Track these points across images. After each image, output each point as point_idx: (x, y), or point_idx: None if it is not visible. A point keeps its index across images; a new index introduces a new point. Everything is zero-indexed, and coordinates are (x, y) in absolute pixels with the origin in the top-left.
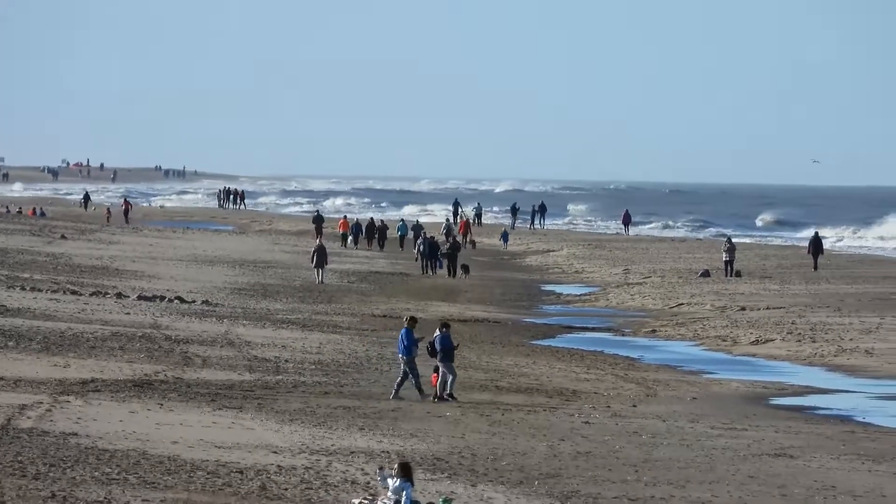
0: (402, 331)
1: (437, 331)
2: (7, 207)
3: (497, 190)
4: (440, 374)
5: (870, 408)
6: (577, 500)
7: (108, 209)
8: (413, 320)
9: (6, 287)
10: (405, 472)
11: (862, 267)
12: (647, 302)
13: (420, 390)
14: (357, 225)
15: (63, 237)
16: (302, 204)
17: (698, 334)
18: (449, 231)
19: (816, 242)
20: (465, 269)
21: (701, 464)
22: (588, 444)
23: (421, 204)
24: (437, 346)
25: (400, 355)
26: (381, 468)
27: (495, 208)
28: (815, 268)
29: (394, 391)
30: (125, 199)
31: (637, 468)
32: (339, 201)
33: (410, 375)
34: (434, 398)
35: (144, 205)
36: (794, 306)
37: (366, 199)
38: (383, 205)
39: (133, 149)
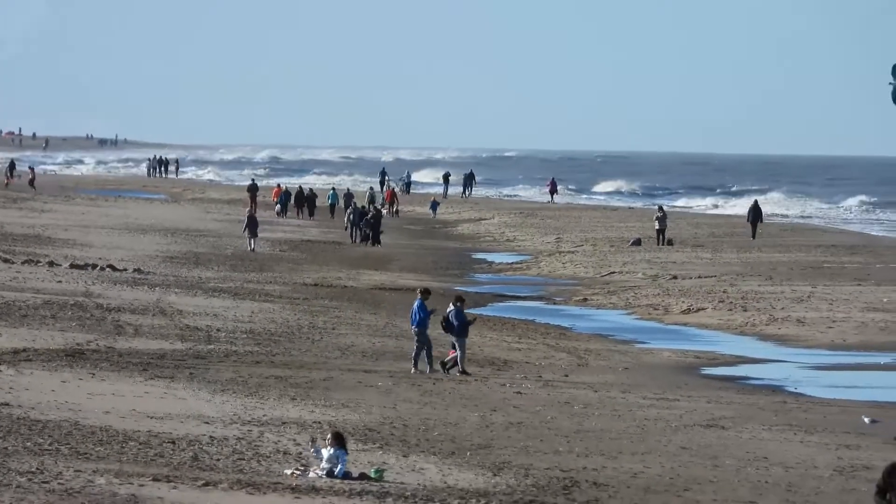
0: (416, 302)
1: (451, 305)
2: None
3: (437, 156)
4: (458, 347)
5: (801, 378)
6: (509, 470)
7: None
8: (426, 292)
9: None
10: (339, 440)
11: (794, 236)
12: (579, 270)
13: (430, 362)
14: (286, 193)
15: None
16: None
17: (630, 303)
18: (371, 200)
19: (755, 211)
20: (375, 237)
21: (633, 434)
22: (520, 414)
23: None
24: (453, 321)
25: (413, 327)
26: (313, 440)
27: (431, 178)
28: (754, 236)
29: (413, 364)
30: (30, 167)
31: (569, 439)
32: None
33: (419, 347)
34: (454, 370)
35: (76, 173)
36: (725, 275)
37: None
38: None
39: (65, 117)
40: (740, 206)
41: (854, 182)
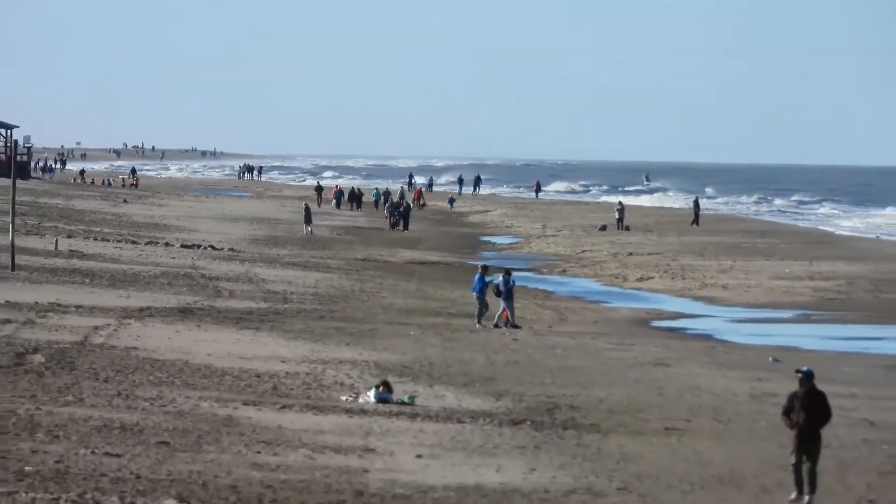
0: (477, 275)
1: (501, 276)
2: (82, 178)
3: (439, 164)
4: (507, 303)
5: (725, 329)
6: (507, 397)
7: (119, 179)
8: (485, 268)
9: (83, 238)
10: (387, 386)
11: (724, 223)
12: (559, 249)
13: (479, 320)
14: (341, 191)
15: (125, 201)
16: (305, 178)
17: (597, 273)
18: (402, 196)
19: (696, 204)
20: (405, 223)
21: (600, 370)
22: (516, 355)
23: (393, 177)
24: (502, 288)
25: (473, 293)
26: (376, 387)
27: (443, 179)
28: (697, 223)
29: (476, 321)
30: (132, 172)
31: (552, 373)
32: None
33: (480, 309)
34: (507, 326)
35: (185, 177)
36: (668, 252)
37: (350, 175)
38: (363, 174)
39: (177, 133)
40: (651, 200)
41: (776, 184)
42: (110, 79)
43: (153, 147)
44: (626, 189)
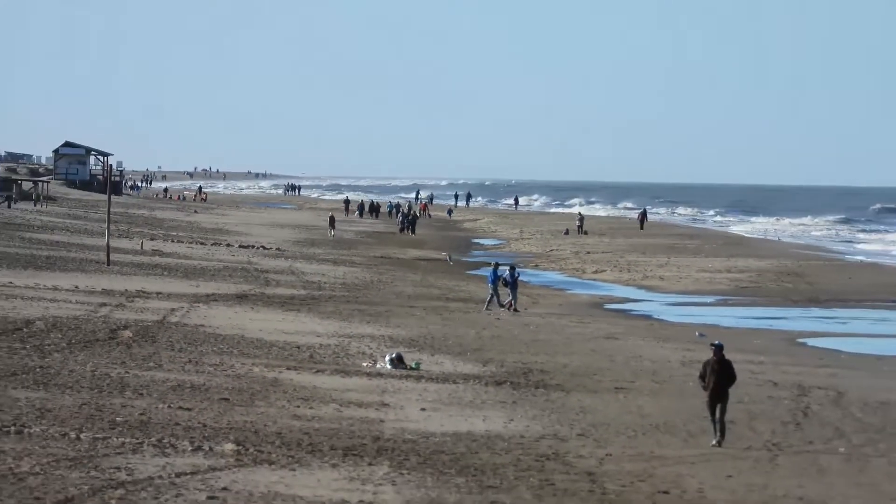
0: (490, 270)
1: (508, 270)
2: (165, 194)
3: (429, 182)
4: (513, 293)
5: (661, 310)
6: (492, 363)
7: (190, 195)
8: (497, 265)
9: (162, 240)
10: (400, 360)
11: (662, 229)
12: (533, 248)
13: (488, 305)
14: (362, 204)
15: (195, 212)
16: (337, 191)
17: (562, 267)
18: (410, 207)
19: (643, 213)
20: (413, 229)
21: (564, 343)
22: (499, 331)
23: (404, 193)
24: (507, 279)
25: (488, 283)
26: (392, 359)
27: (447, 194)
28: (642, 228)
29: (486, 306)
30: (200, 188)
31: (527, 345)
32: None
33: (492, 295)
34: (510, 309)
35: (242, 193)
36: (617, 251)
37: (370, 192)
38: (376, 190)
39: (236, 158)
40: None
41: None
42: (183, 114)
43: (217, 170)
44: (590, 201)
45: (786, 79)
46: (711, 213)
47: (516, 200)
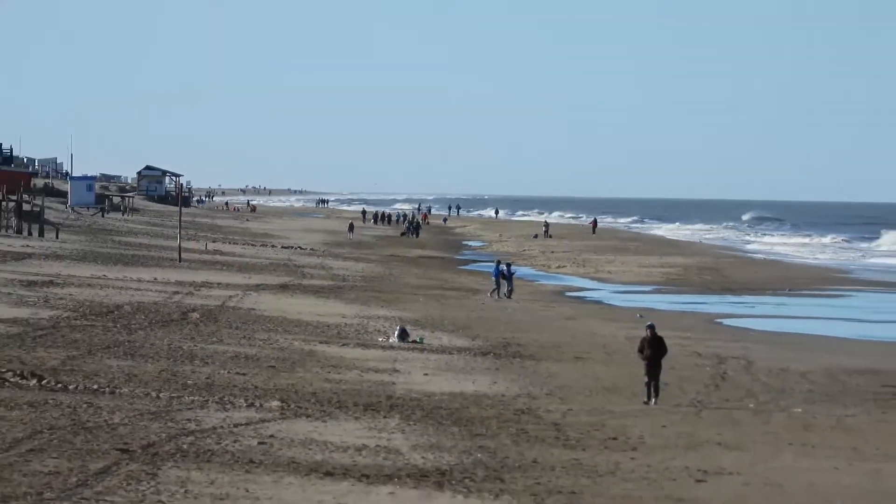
0: (494, 266)
1: (505, 265)
2: (225, 207)
3: (428, 197)
4: (510, 283)
5: (610, 297)
6: (479, 338)
7: (243, 207)
8: (499, 262)
9: (221, 242)
10: (404, 332)
11: (611, 233)
12: (509, 248)
13: (491, 293)
14: (376, 213)
15: (247, 220)
16: (353, 204)
17: (532, 263)
18: (414, 216)
19: (594, 221)
20: (417, 233)
21: (534, 322)
22: (484, 313)
23: (408, 205)
24: (506, 273)
25: (493, 277)
26: (400, 332)
27: (436, 206)
28: (594, 232)
29: (489, 294)
30: (249, 202)
31: (506, 324)
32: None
33: (496, 286)
34: (508, 297)
35: (284, 206)
36: (575, 251)
37: (380, 205)
38: (384, 203)
39: (279, 177)
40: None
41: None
42: (237, 141)
43: (264, 187)
44: (553, 211)
45: (681, 106)
46: (630, 219)
47: (496, 211)
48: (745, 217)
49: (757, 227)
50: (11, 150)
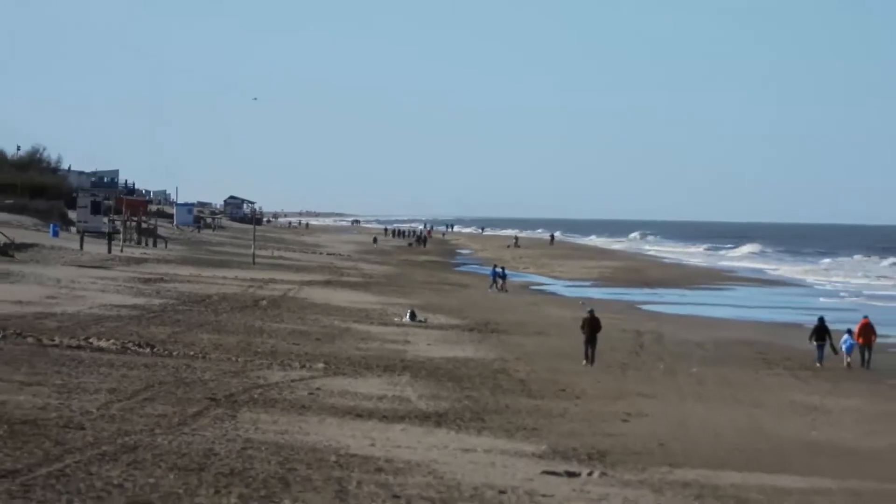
0: (492, 269)
1: (500, 268)
2: (289, 224)
3: (421, 218)
4: (503, 281)
5: (561, 289)
6: (468, 318)
7: (299, 225)
8: (495, 266)
9: (284, 250)
10: (413, 314)
11: (563, 244)
12: (489, 255)
13: (490, 287)
14: (393, 230)
15: (302, 235)
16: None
17: (507, 265)
18: (422, 232)
19: (552, 236)
20: (425, 244)
21: (508, 307)
22: (471, 301)
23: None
24: (501, 274)
25: (490, 276)
26: (410, 312)
27: (441, 226)
28: (551, 244)
29: (489, 288)
30: (300, 222)
31: (487, 308)
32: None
33: (493, 282)
34: (502, 290)
35: (322, 224)
36: (536, 256)
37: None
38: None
39: (325, 202)
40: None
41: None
42: (296, 174)
43: (315, 211)
44: (520, 228)
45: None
46: (578, 234)
47: (482, 228)
48: (633, 234)
49: (648, 238)
50: (133, 184)
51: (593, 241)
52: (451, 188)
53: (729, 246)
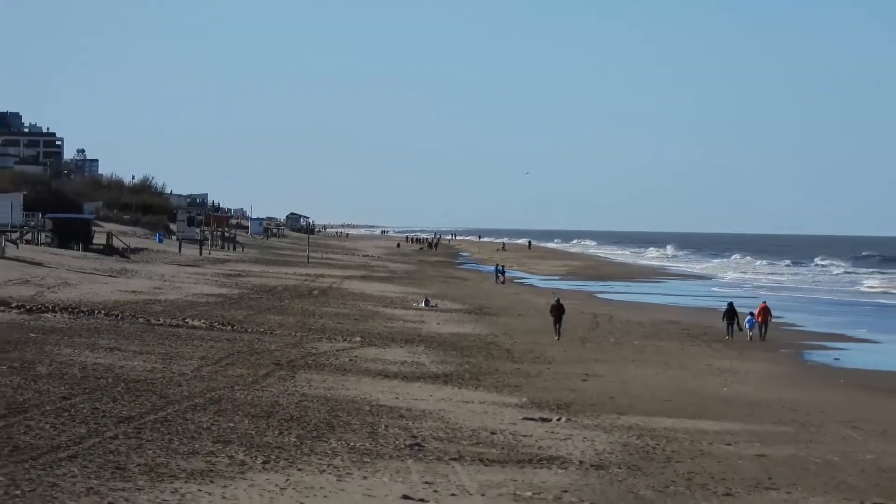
0: (495, 267)
1: (501, 267)
2: (337, 234)
3: (428, 227)
4: (503, 276)
5: (537, 282)
6: (467, 304)
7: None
8: (497, 265)
9: (332, 253)
10: (427, 300)
11: (538, 249)
12: (484, 256)
13: (495, 281)
14: (412, 238)
15: (344, 241)
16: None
17: (494, 263)
18: (433, 239)
19: (529, 242)
20: (436, 248)
21: (496, 296)
22: (472, 291)
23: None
24: (502, 270)
25: (494, 273)
26: (425, 299)
27: (447, 234)
28: (529, 248)
29: (495, 280)
30: (340, 232)
31: (485, 297)
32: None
33: (496, 277)
34: (502, 283)
35: (360, 234)
36: (518, 258)
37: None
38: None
39: (362, 215)
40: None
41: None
42: (339, 193)
43: (353, 223)
44: (511, 238)
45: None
46: (549, 241)
47: (480, 236)
48: (574, 241)
49: (585, 243)
50: (219, 203)
51: (552, 245)
52: (456, 204)
53: (653, 249)
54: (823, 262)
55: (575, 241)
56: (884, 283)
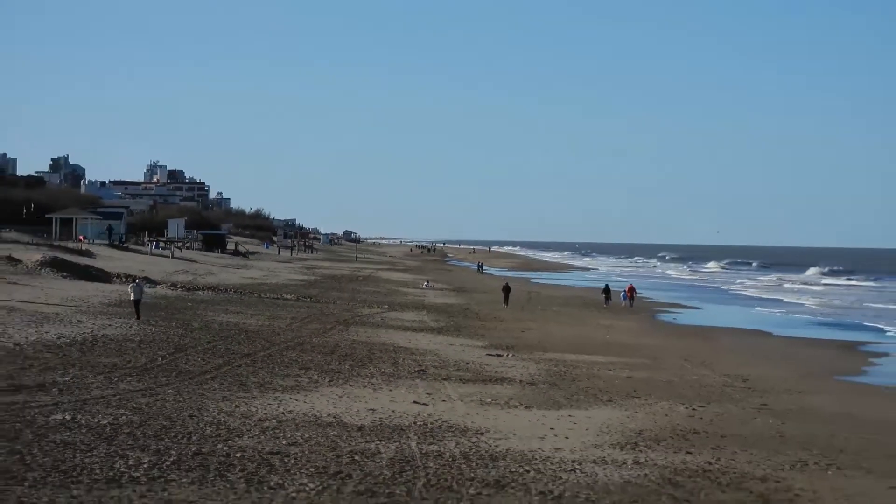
0: (477, 264)
1: (480, 264)
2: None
3: (428, 238)
4: (482, 270)
5: (497, 273)
6: (452, 285)
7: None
8: (479, 263)
9: (369, 254)
10: (428, 283)
11: (497, 253)
12: (462, 257)
13: (477, 272)
14: (418, 245)
15: (376, 248)
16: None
17: (468, 261)
18: (432, 246)
19: (489, 248)
20: (433, 251)
21: (470, 280)
22: (455, 278)
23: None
24: (481, 266)
25: (475, 268)
26: (427, 282)
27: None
28: (489, 252)
29: (477, 271)
30: (377, 241)
31: (463, 281)
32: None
33: (478, 269)
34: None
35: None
36: (485, 258)
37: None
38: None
39: (389, 228)
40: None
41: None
42: (375, 208)
43: (383, 236)
44: (497, 247)
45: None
46: (504, 247)
47: (459, 244)
48: (507, 247)
49: (516, 248)
50: (302, 224)
51: (497, 249)
52: (443, 219)
53: (566, 252)
54: (661, 255)
55: (507, 248)
56: (691, 270)
